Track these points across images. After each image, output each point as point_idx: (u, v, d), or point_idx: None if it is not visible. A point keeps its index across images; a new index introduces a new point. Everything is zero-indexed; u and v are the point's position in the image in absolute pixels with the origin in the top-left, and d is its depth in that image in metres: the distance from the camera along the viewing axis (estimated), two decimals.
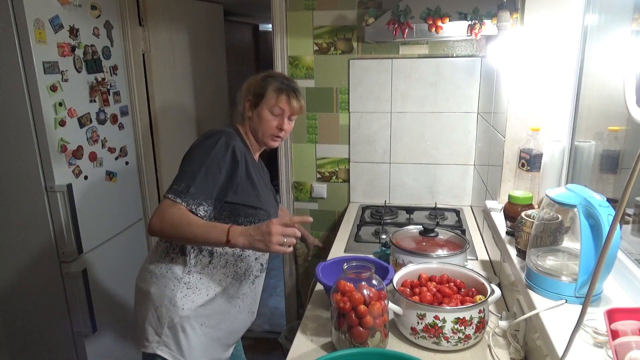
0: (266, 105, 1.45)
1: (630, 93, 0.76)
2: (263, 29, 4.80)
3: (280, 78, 1.50)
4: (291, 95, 1.46)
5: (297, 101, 1.48)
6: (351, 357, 1.06)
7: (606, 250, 0.70)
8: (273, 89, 1.45)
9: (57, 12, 1.99)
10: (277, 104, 1.45)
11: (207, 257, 1.46)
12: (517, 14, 1.49)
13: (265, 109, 1.45)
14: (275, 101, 1.44)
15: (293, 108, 1.47)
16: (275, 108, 1.45)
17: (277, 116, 1.46)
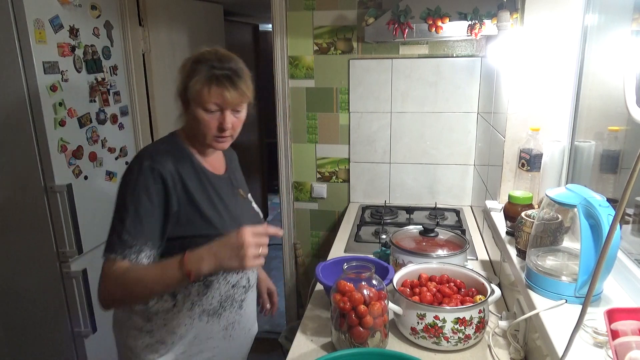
0: (197, 102, 1.15)
1: (630, 93, 0.76)
2: (263, 29, 4.79)
3: (210, 61, 1.15)
4: (225, 84, 1.13)
5: (235, 90, 1.14)
6: (351, 357, 1.06)
7: (606, 250, 0.70)
8: (200, 80, 1.13)
9: (57, 12, 1.99)
10: (210, 100, 1.13)
11: (169, 300, 1.22)
12: (517, 14, 1.49)
13: (198, 107, 1.15)
14: (206, 96, 1.13)
15: (228, 101, 1.14)
16: (210, 105, 1.14)
17: (214, 113, 1.16)
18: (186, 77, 1.16)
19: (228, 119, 1.17)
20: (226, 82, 1.13)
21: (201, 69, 1.14)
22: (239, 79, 1.15)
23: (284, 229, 2.68)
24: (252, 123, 4.58)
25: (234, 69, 1.16)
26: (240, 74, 1.16)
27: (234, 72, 1.15)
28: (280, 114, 2.50)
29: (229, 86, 1.13)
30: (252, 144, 4.60)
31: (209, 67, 1.14)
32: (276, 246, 4.27)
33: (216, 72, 1.13)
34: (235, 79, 1.14)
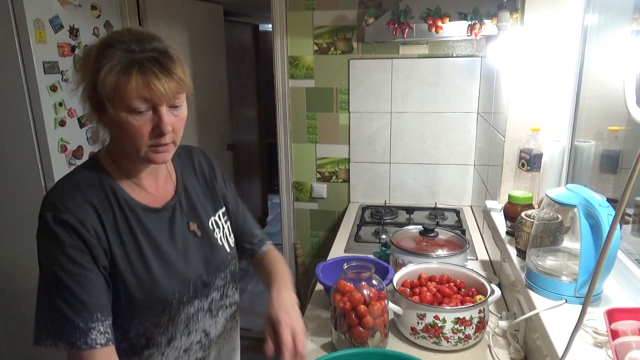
0: (116, 102, 0.83)
1: (630, 93, 0.76)
2: (263, 29, 4.79)
3: (125, 43, 0.83)
4: (152, 69, 0.82)
5: (169, 76, 0.83)
6: (351, 357, 1.06)
7: (606, 250, 0.70)
8: (116, 69, 0.81)
9: (57, 12, 1.99)
10: (135, 94, 0.82)
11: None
12: (517, 14, 1.49)
13: (118, 108, 0.83)
14: (129, 90, 0.81)
15: (161, 93, 0.82)
16: (135, 102, 0.82)
17: (143, 113, 0.84)
18: (93, 71, 0.83)
19: (166, 118, 0.85)
20: (154, 67, 0.82)
21: (113, 54, 0.82)
22: (170, 61, 0.84)
23: (284, 229, 2.69)
24: (252, 123, 4.58)
25: (160, 49, 0.85)
26: (170, 55, 0.85)
27: (162, 53, 0.84)
28: (280, 114, 2.50)
29: (159, 72, 0.82)
30: (252, 144, 4.60)
31: (125, 50, 0.82)
32: (276, 246, 4.30)
33: (137, 55, 0.82)
34: (166, 61, 0.83)
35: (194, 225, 1.03)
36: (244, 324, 1.41)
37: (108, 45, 0.84)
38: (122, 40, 0.84)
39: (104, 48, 0.84)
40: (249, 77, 4.41)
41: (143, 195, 0.96)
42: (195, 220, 1.03)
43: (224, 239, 1.09)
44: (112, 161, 0.95)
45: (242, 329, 1.25)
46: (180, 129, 0.92)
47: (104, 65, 0.82)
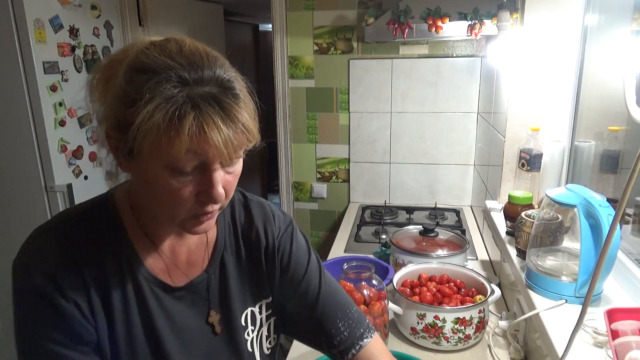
0: (155, 155, 0.59)
1: (630, 93, 0.76)
2: (263, 29, 4.79)
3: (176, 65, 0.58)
4: (210, 117, 0.57)
5: (232, 126, 0.59)
6: None
7: (606, 250, 0.69)
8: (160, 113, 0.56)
9: (57, 12, 1.99)
10: (185, 153, 0.58)
11: None
12: (517, 14, 1.49)
13: (156, 163, 0.60)
14: (176, 145, 0.57)
15: (220, 150, 0.58)
16: (183, 162, 0.59)
17: (188, 174, 0.61)
18: (122, 103, 0.59)
19: (218, 181, 0.62)
20: (214, 112, 0.57)
21: (158, 86, 0.57)
22: (235, 102, 0.59)
23: None
24: None
25: (223, 80, 0.60)
26: (236, 92, 0.60)
27: (226, 89, 0.59)
28: (280, 114, 2.50)
29: (221, 120, 0.57)
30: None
31: (175, 81, 0.57)
32: None
33: (193, 91, 0.57)
34: (230, 102, 0.59)
35: (216, 316, 0.76)
36: None
37: (148, 69, 0.58)
38: (168, 65, 0.58)
39: (140, 72, 0.58)
40: (249, 77, 4.36)
41: (160, 262, 0.72)
42: (220, 310, 0.77)
43: (257, 342, 0.81)
44: (128, 207, 0.71)
45: None
46: (233, 189, 0.67)
47: (142, 103, 0.56)
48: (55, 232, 0.69)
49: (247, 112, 0.62)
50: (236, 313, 0.78)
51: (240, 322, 0.79)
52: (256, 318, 0.81)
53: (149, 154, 0.59)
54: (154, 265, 0.72)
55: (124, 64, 0.62)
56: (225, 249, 0.79)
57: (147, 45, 0.62)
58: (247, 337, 0.79)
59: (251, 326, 0.80)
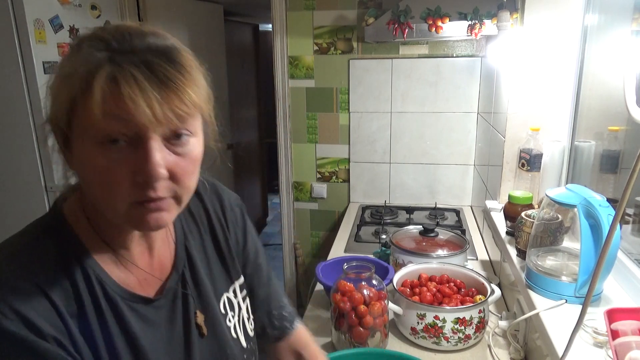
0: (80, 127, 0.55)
1: (630, 93, 0.76)
2: (263, 29, 4.79)
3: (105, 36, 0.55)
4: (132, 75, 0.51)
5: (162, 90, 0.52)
6: (351, 357, 1.06)
7: (606, 250, 0.70)
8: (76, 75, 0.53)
9: (57, 12, 1.99)
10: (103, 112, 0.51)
11: None
12: (517, 14, 1.49)
13: (83, 139, 0.55)
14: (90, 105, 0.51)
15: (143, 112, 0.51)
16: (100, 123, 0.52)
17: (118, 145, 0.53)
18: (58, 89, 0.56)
19: (157, 156, 0.54)
20: (136, 73, 0.52)
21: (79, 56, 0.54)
22: (172, 67, 0.54)
23: (284, 229, 2.69)
24: (252, 123, 4.58)
25: (158, 48, 0.55)
26: (173, 58, 0.55)
27: (161, 55, 0.54)
28: (280, 114, 2.50)
29: (146, 80, 0.52)
30: (252, 144, 4.60)
31: (99, 48, 0.54)
32: (276, 246, 4.30)
33: (117, 56, 0.53)
34: (164, 66, 0.53)
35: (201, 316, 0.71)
36: None
37: (77, 45, 0.56)
38: (99, 36, 0.55)
39: (71, 50, 0.56)
40: (249, 77, 4.41)
41: (130, 274, 0.65)
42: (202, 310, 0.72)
43: (240, 326, 0.78)
44: (83, 218, 0.63)
45: None
46: (188, 176, 0.59)
47: (63, 72, 0.55)
48: (9, 267, 0.57)
49: (190, 78, 0.55)
50: (213, 302, 0.74)
51: (219, 311, 0.75)
52: (233, 303, 0.78)
53: (76, 131, 0.55)
54: (127, 280, 0.64)
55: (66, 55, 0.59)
56: (187, 238, 0.74)
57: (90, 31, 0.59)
58: (229, 324, 0.76)
59: (230, 312, 0.77)
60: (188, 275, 0.72)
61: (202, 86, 0.58)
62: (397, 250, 1.53)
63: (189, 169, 0.58)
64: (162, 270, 0.70)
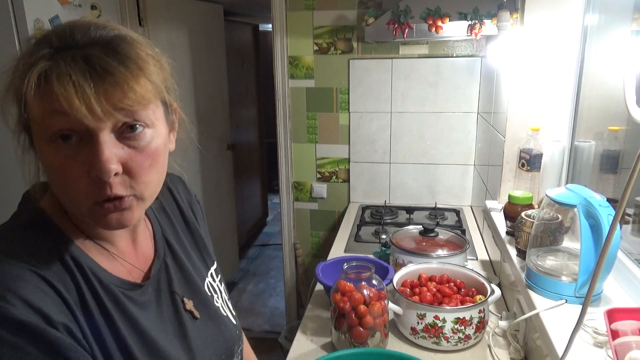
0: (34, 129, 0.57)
1: (630, 93, 0.76)
2: (263, 29, 4.80)
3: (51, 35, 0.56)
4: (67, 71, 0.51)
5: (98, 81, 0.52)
6: (351, 357, 1.06)
7: (606, 250, 0.69)
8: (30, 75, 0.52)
9: (57, 12, 1.99)
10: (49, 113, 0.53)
11: None
12: (517, 14, 1.49)
13: (39, 140, 0.56)
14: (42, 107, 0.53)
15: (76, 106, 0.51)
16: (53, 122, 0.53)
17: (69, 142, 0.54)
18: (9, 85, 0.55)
19: (106, 152, 0.53)
20: (71, 67, 0.51)
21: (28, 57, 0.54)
22: (113, 56, 0.53)
23: (284, 229, 2.69)
24: (252, 123, 4.58)
25: (102, 39, 0.55)
26: (115, 49, 0.54)
27: (100, 47, 0.54)
28: (280, 114, 2.50)
29: (89, 72, 0.52)
30: (252, 144, 4.60)
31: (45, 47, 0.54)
32: (276, 246, 4.30)
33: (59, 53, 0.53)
34: (101, 61, 0.53)
35: (189, 302, 0.73)
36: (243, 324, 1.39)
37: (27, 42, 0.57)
38: (45, 34, 0.56)
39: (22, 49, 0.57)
40: (249, 77, 4.41)
41: (118, 264, 0.66)
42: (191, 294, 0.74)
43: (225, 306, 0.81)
44: (63, 214, 0.62)
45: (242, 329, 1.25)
46: (145, 170, 0.57)
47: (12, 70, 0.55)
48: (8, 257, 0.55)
49: (135, 65, 0.54)
50: (199, 285, 0.77)
51: (207, 293, 0.78)
52: (213, 285, 0.81)
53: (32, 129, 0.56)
54: (114, 268, 0.64)
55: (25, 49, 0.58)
56: (163, 229, 0.76)
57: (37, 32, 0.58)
58: (217, 304, 0.79)
59: (214, 294, 0.80)
60: (171, 263, 0.74)
61: (152, 75, 0.56)
62: (397, 250, 1.53)
63: (145, 163, 0.57)
64: (146, 261, 0.71)
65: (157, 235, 0.74)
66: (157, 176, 0.61)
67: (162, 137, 0.61)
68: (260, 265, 4.04)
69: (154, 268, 0.71)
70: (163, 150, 0.61)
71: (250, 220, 4.46)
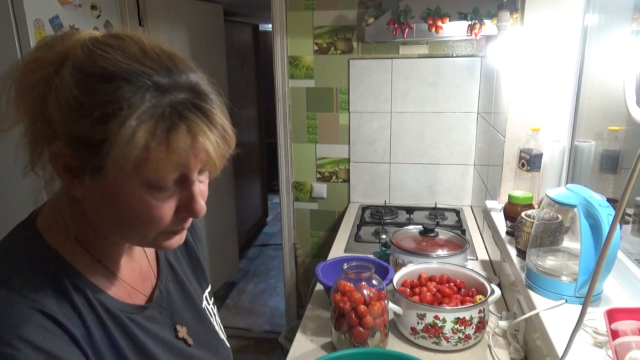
0: (135, 174, 0.52)
1: (630, 93, 0.76)
2: (263, 29, 4.80)
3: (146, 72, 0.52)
4: (195, 122, 0.52)
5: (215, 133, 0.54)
6: (352, 357, 1.06)
7: (606, 250, 0.70)
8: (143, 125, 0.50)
9: (57, 12, 1.99)
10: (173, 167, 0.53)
11: None
12: (517, 14, 1.49)
13: (132, 180, 0.53)
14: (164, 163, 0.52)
15: (212, 160, 0.55)
16: (168, 177, 0.54)
17: (167, 190, 0.55)
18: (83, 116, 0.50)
19: (199, 194, 0.58)
20: (200, 122, 0.52)
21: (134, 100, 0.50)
22: (212, 106, 0.55)
23: (284, 229, 2.69)
24: (252, 123, 4.58)
25: (194, 84, 0.55)
26: (208, 93, 0.56)
27: (199, 93, 0.55)
28: (280, 114, 2.50)
29: (206, 128, 0.53)
30: (252, 144, 4.60)
31: (154, 93, 0.51)
32: (276, 246, 4.30)
33: (174, 100, 0.52)
34: (208, 108, 0.54)
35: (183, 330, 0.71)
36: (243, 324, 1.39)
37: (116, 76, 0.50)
38: (140, 71, 0.51)
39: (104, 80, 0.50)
40: (249, 77, 4.41)
41: (120, 285, 0.64)
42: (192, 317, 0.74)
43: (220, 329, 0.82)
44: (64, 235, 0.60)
45: (242, 329, 1.25)
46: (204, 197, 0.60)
47: (119, 118, 0.49)
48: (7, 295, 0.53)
49: (224, 115, 0.57)
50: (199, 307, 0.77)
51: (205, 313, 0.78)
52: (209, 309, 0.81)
53: (127, 172, 0.51)
54: (119, 293, 0.64)
55: (65, 68, 0.51)
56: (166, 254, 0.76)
57: (95, 44, 0.52)
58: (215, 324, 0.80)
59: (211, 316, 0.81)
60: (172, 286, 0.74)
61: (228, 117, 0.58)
62: (397, 250, 1.53)
63: (207, 193, 0.61)
64: (144, 281, 0.70)
65: (160, 257, 0.75)
66: None
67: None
68: (260, 265, 4.04)
69: (156, 290, 0.70)
70: None
71: (250, 220, 4.46)
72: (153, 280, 0.72)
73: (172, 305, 0.72)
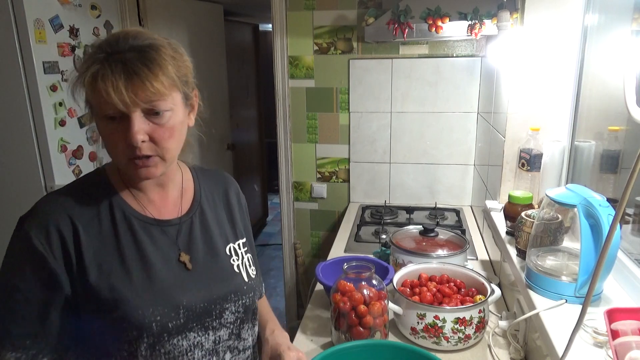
0: (91, 109, 0.82)
1: (630, 93, 0.76)
2: (263, 29, 4.80)
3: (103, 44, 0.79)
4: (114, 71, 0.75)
5: (134, 78, 0.75)
6: (360, 349, 1.05)
7: (606, 250, 0.69)
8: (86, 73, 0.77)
9: (57, 12, 1.99)
10: (98, 100, 0.77)
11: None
12: (517, 14, 1.49)
13: (95, 116, 0.82)
14: (93, 95, 0.77)
15: (120, 98, 0.75)
16: (102, 107, 0.77)
17: (114, 120, 0.78)
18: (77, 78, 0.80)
19: (135, 127, 0.77)
20: (117, 69, 0.75)
21: (88, 60, 0.78)
22: (143, 60, 0.76)
23: (284, 229, 2.69)
24: (252, 123, 4.58)
25: (136, 46, 0.77)
26: (146, 54, 0.77)
27: (137, 51, 0.77)
28: (280, 114, 2.50)
29: (123, 74, 0.74)
30: (252, 144, 4.60)
31: (99, 52, 0.77)
32: (276, 246, 4.30)
33: (100, 56, 0.76)
34: (136, 61, 0.75)
35: (185, 257, 0.91)
36: None
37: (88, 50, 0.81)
38: (100, 42, 0.80)
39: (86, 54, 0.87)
40: (249, 77, 4.41)
41: (148, 206, 0.91)
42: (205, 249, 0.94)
43: (242, 267, 0.99)
44: (116, 172, 0.90)
45: None
46: (165, 140, 0.81)
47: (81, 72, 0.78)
48: (56, 196, 0.86)
49: (159, 68, 0.77)
50: (219, 245, 0.96)
51: (225, 252, 0.97)
52: (237, 251, 1.00)
53: (95, 109, 0.79)
54: (142, 208, 0.90)
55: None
56: (202, 200, 0.99)
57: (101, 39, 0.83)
58: (232, 263, 0.97)
59: (235, 256, 0.99)
60: (197, 221, 0.95)
61: (170, 73, 0.79)
62: (397, 250, 1.53)
63: (165, 134, 0.81)
64: (172, 210, 0.93)
65: (195, 201, 0.97)
66: (175, 144, 0.85)
67: (179, 117, 0.84)
68: (260, 265, 4.04)
69: (183, 216, 0.94)
70: (180, 126, 0.85)
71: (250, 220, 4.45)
72: (181, 213, 0.94)
73: (190, 234, 0.93)
